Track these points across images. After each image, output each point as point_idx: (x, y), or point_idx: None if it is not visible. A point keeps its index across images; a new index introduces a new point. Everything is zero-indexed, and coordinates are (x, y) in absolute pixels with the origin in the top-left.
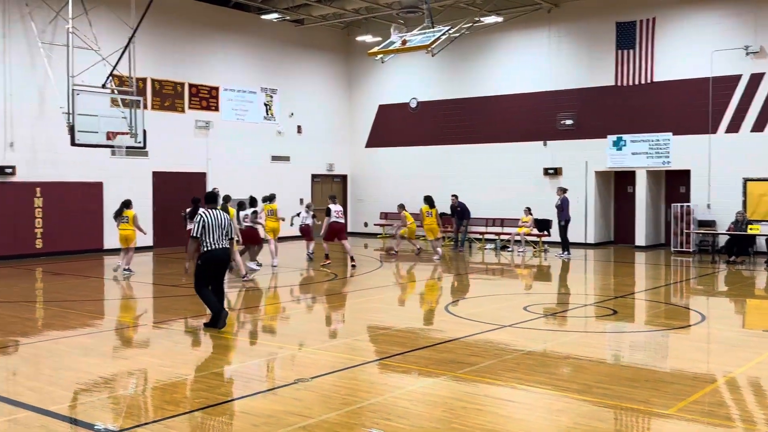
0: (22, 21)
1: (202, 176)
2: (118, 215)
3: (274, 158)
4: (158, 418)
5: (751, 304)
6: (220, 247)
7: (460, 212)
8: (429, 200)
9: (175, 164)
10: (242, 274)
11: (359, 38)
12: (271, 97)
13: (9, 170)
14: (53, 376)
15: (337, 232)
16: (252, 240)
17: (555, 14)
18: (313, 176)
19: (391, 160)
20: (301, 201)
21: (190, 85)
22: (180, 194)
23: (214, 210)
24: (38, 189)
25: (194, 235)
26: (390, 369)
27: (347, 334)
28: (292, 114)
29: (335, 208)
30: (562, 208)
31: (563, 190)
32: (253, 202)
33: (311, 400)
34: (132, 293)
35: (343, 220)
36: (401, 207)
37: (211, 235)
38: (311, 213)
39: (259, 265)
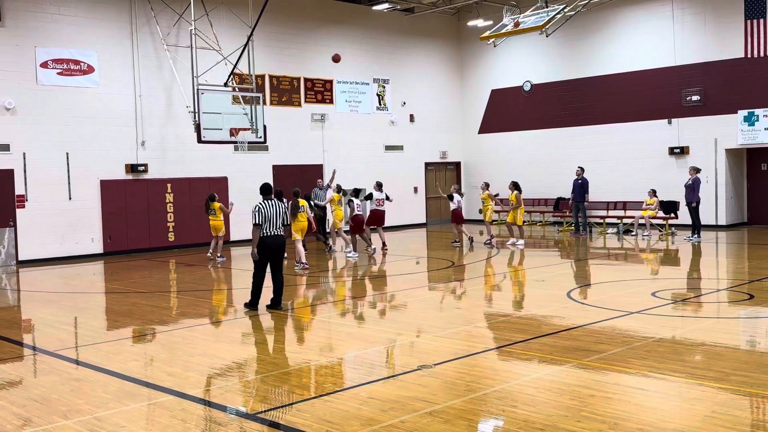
0: (148, 25)
1: (318, 168)
2: (207, 209)
3: (388, 148)
4: (288, 402)
5: None
6: (274, 233)
7: (581, 188)
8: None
9: (293, 157)
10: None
11: (470, 23)
12: (384, 87)
13: (142, 168)
14: (189, 361)
15: (377, 219)
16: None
17: None
18: (427, 164)
19: (504, 145)
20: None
21: (306, 80)
22: (299, 186)
23: (269, 200)
24: (169, 185)
25: (255, 222)
26: (513, 356)
27: (467, 322)
28: (404, 103)
29: (377, 195)
30: (694, 188)
31: (696, 170)
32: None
33: (435, 386)
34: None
35: (383, 208)
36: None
37: (266, 223)
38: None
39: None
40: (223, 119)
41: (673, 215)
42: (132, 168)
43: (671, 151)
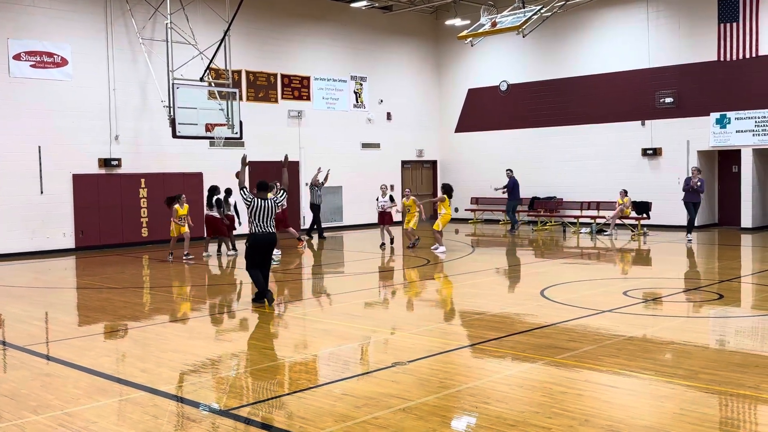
0: (123, 18)
1: (295, 165)
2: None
3: (365, 145)
4: (262, 399)
5: None
6: (265, 231)
7: (512, 189)
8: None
9: (269, 153)
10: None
11: (448, 22)
12: (361, 84)
13: (115, 162)
14: (161, 357)
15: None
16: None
17: None
18: (404, 162)
19: (481, 144)
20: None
21: (283, 76)
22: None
23: (264, 200)
24: (143, 180)
25: (244, 197)
26: (486, 354)
27: (441, 319)
28: (382, 101)
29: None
30: (701, 190)
31: (699, 171)
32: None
33: (409, 383)
34: (230, 278)
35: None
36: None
37: (258, 220)
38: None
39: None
40: (199, 114)
41: (645, 215)
42: (105, 162)
43: (644, 152)
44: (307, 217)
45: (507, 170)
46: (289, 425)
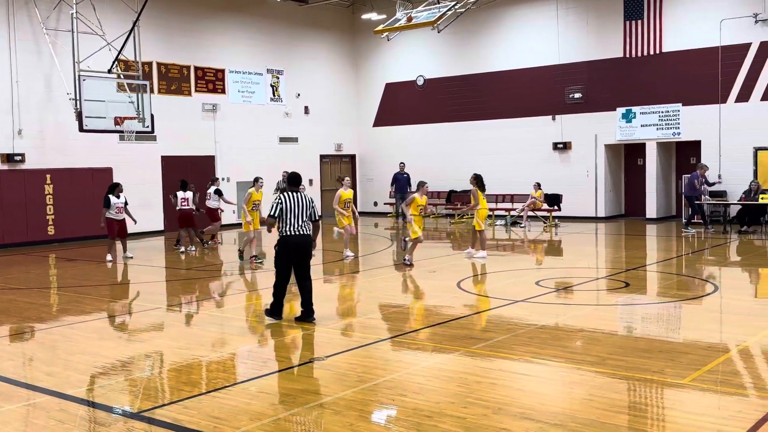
0: (26, 7)
1: (210, 159)
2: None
3: (282, 140)
4: (176, 399)
5: (763, 273)
6: (298, 231)
7: (406, 182)
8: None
9: (183, 148)
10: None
11: (364, 16)
12: (278, 78)
13: (18, 158)
14: (70, 360)
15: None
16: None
17: None
18: (322, 157)
19: (399, 138)
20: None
21: (196, 68)
22: (189, 178)
23: (296, 193)
24: (48, 176)
25: (270, 214)
26: (404, 346)
27: (360, 313)
28: (299, 95)
29: (181, 195)
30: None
31: (704, 167)
32: (184, 184)
33: (327, 378)
34: (143, 277)
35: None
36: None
37: (289, 219)
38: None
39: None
40: (108, 107)
41: (556, 207)
42: (8, 158)
43: (555, 146)
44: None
45: (400, 164)
46: (202, 426)
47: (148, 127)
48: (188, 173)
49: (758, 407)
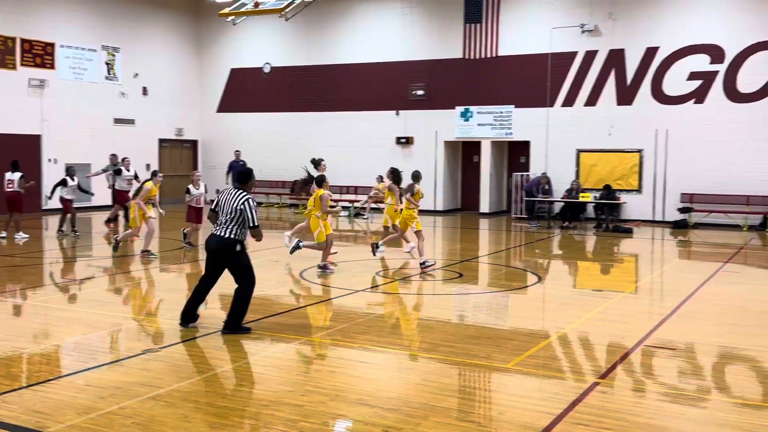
0: None
1: (36, 138)
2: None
3: (117, 121)
4: None
5: (582, 266)
6: (217, 234)
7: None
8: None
9: (5, 125)
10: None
11: None
12: (114, 56)
13: None
14: None
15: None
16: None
17: None
18: (161, 141)
19: (244, 125)
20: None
21: (23, 40)
22: (10, 158)
23: (232, 191)
24: None
25: (212, 208)
26: (243, 336)
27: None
28: (137, 75)
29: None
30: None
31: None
32: (15, 165)
33: (161, 370)
34: None
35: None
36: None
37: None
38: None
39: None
40: None
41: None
42: None
43: (398, 140)
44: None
45: (235, 152)
46: (22, 420)
47: None
48: (10, 154)
49: (574, 389)
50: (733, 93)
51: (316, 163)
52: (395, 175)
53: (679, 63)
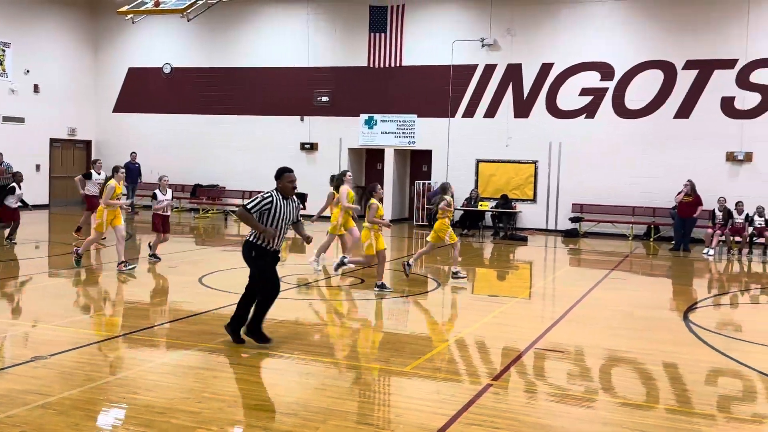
0: None
1: None
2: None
3: (6, 119)
4: None
5: (479, 272)
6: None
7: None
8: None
9: None
10: None
11: None
12: (3, 51)
13: None
14: None
15: None
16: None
17: None
18: (53, 141)
19: (143, 127)
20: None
21: None
22: None
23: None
24: None
25: (249, 208)
26: (139, 343)
27: (91, 310)
28: (28, 71)
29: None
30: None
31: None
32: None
33: (51, 377)
34: None
35: None
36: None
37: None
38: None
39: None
40: None
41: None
42: None
43: (302, 146)
44: None
45: (131, 153)
46: None
47: None
48: None
49: (469, 390)
50: (621, 109)
51: (340, 176)
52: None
53: (571, 79)
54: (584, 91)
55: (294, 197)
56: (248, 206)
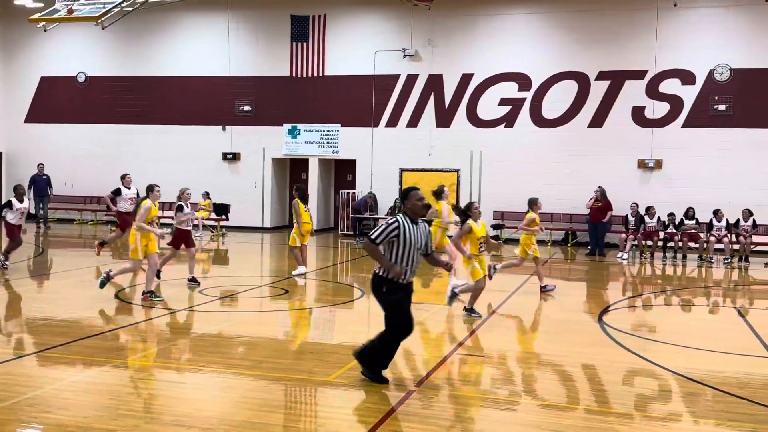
0: None
1: None
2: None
3: None
4: None
5: None
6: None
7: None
8: None
9: None
10: None
11: (17, 1)
12: None
13: None
14: None
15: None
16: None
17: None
18: None
19: (56, 137)
20: None
21: None
22: None
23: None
24: None
25: (373, 238)
26: (51, 361)
27: (1, 328)
28: None
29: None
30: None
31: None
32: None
33: None
34: None
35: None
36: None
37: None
38: None
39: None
40: None
41: (224, 217)
42: None
43: (225, 156)
44: None
45: (38, 165)
46: None
47: None
48: None
49: (393, 397)
50: (538, 119)
51: (438, 193)
52: (301, 193)
53: (491, 89)
54: (503, 101)
55: (423, 222)
56: (373, 237)
